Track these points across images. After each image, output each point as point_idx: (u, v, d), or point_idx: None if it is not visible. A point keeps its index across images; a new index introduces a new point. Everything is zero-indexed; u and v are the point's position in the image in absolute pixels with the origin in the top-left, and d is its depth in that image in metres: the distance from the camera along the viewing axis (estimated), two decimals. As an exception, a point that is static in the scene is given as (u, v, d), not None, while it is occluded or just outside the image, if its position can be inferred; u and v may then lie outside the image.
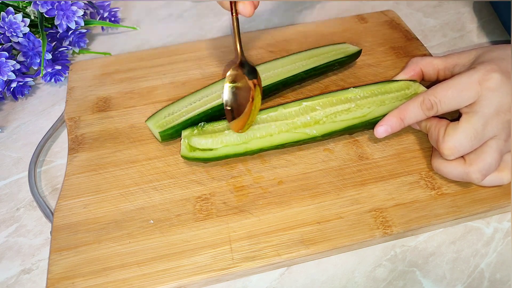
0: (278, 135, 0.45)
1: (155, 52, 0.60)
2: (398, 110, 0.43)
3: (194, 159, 0.45)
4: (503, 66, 0.40)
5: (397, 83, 0.48)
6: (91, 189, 0.45)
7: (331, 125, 0.46)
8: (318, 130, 0.45)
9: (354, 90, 0.47)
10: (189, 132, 0.46)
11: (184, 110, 0.48)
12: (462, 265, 0.40)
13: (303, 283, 0.40)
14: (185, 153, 0.45)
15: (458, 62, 0.45)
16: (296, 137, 0.45)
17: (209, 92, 0.49)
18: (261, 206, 0.43)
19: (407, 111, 0.43)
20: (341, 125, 0.46)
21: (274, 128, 0.45)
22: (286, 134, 0.45)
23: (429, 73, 0.48)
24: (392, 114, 0.43)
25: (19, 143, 0.52)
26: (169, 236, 0.41)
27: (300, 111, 0.46)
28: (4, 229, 0.44)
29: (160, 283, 0.38)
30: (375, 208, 0.42)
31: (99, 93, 0.55)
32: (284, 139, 0.45)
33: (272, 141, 0.45)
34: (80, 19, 0.56)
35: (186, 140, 0.45)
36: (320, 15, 0.68)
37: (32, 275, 0.41)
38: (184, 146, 0.45)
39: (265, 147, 0.45)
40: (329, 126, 0.45)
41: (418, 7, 0.69)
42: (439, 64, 0.46)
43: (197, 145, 0.45)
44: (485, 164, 0.39)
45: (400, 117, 0.43)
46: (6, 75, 0.51)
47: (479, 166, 0.39)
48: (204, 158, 0.45)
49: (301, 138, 0.45)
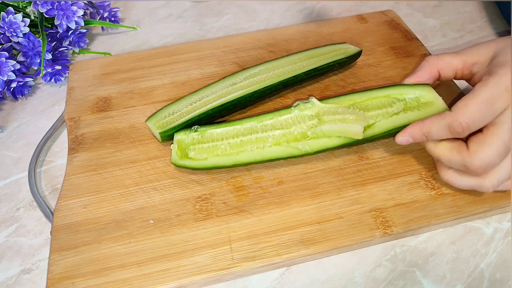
0: (269, 148, 0.44)
1: (155, 52, 0.60)
2: (422, 124, 0.40)
3: (184, 167, 0.44)
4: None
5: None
6: (91, 189, 0.45)
7: (326, 141, 0.44)
8: (311, 146, 0.44)
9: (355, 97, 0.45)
10: (181, 137, 0.45)
11: (184, 110, 0.48)
12: (462, 265, 0.40)
13: (303, 283, 0.40)
14: (175, 160, 0.44)
15: (478, 60, 0.42)
16: (287, 152, 0.44)
17: (209, 92, 0.49)
18: (261, 206, 0.43)
19: (432, 129, 0.39)
20: (335, 142, 0.44)
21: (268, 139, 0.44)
22: (277, 148, 0.44)
23: (447, 74, 0.44)
24: (416, 127, 0.40)
25: (19, 143, 0.52)
26: (169, 236, 0.41)
27: (297, 119, 0.45)
28: (4, 229, 0.44)
29: (160, 283, 0.38)
30: (375, 208, 0.42)
31: (99, 93, 0.55)
32: (275, 154, 0.44)
33: (263, 155, 0.44)
34: (80, 19, 0.56)
35: (176, 145, 0.45)
36: (320, 15, 0.68)
37: (32, 275, 0.41)
38: (174, 152, 0.45)
39: (255, 160, 0.44)
40: (323, 142, 0.44)
41: (418, 7, 0.69)
42: (458, 64, 0.43)
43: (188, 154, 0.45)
44: (499, 177, 0.38)
45: (423, 132, 0.40)
46: (6, 75, 0.51)
47: (492, 180, 0.38)
48: (192, 167, 0.44)
49: (293, 154, 0.44)
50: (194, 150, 0.45)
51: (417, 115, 0.42)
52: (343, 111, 0.44)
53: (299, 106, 0.45)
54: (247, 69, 0.52)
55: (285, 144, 0.44)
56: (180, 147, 0.45)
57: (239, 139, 0.45)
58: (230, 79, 0.51)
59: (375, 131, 0.43)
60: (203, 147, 0.45)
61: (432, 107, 0.42)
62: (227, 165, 0.44)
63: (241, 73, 0.51)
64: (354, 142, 0.44)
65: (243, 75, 0.51)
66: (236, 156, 0.44)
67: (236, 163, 0.44)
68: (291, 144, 0.44)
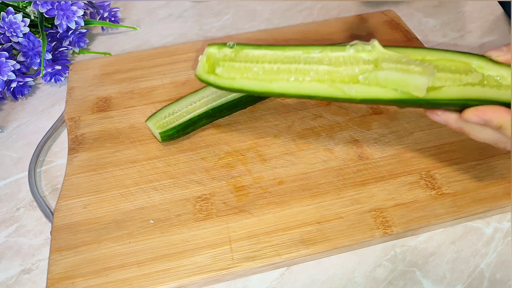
0: (309, 84, 0.37)
1: (155, 52, 0.60)
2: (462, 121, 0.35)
3: (208, 83, 0.40)
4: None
5: None
6: (91, 189, 0.45)
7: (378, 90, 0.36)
8: (358, 91, 0.36)
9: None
10: (213, 51, 0.40)
11: (184, 111, 0.48)
12: (462, 265, 0.40)
13: (303, 283, 0.40)
14: (200, 73, 0.40)
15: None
16: (329, 92, 0.37)
17: (209, 92, 0.49)
18: (261, 206, 0.43)
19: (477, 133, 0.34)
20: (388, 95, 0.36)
21: (310, 73, 0.38)
22: (318, 84, 0.37)
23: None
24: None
25: (19, 143, 0.52)
26: (169, 236, 0.41)
27: (350, 60, 0.37)
28: (4, 229, 0.44)
29: (160, 283, 0.38)
30: (375, 208, 0.42)
31: (99, 93, 0.55)
32: (314, 91, 0.37)
33: (299, 89, 0.38)
34: (80, 19, 0.56)
35: (205, 57, 0.40)
36: (320, 15, 0.68)
37: (32, 275, 0.41)
38: (201, 64, 0.40)
39: (289, 93, 0.38)
40: (375, 91, 0.36)
41: (418, 7, 0.69)
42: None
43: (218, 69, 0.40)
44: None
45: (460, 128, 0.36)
46: (6, 75, 0.51)
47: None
48: (218, 85, 0.39)
49: (335, 96, 0.37)
50: (223, 66, 0.40)
51: (498, 95, 0.34)
52: (407, 62, 0.36)
53: (356, 46, 0.38)
54: None
55: (329, 83, 0.37)
56: (209, 61, 0.40)
57: (277, 66, 0.39)
58: None
59: (439, 95, 0.35)
60: (234, 66, 0.39)
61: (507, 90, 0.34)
62: (256, 91, 0.39)
63: None
64: (410, 102, 0.36)
65: None
66: (269, 83, 0.38)
67: (267, 91, 0.39)
68: (336, 84, 0.37)
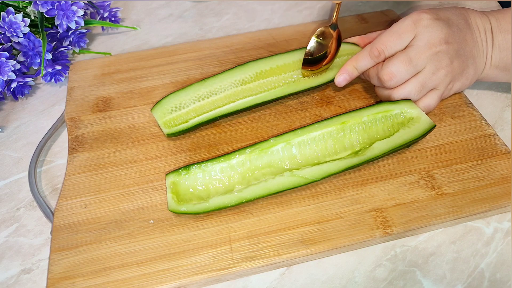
0: (273, 181, 0.42)
1: (155, 52, 0.60)
2: (351, 60, 0.49)
3: (184, 213, 0.42)
4: (434, 11, 0.47)
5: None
6: (91, 189, 0.45)
7: (331, 166, 0.43)
8: (315, 173, 0.43)
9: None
10: (174, 177, 0.43)
11: (191, 108, 0.48)
12: (462, 265, 0.40)
13: (303, 283, 0.40)
14: (173, 207, 0.41)
15: None
16: (295, 181, 0.43)
17: (217, 87, 0.49)
18: (261, 206, 0.43)
19: (359, 60, 0.49)
20: (340, 166, 0.43)
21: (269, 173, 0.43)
22: (281, 179, 0.42)
23: None
24: (347, 64, 0.50)
25: (19, 143, 0.52)
26: (169, 236, 0.41)
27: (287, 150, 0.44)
28: (4, 229, 0.44)
29: (160, 283, 0.38)
30: (375, 208, 0.42)
31: (99, 93, 0.55)
32: (280, 186, 0.42)
33: (269, 188, 0.42)
34: (80, 19, 0.56)
35: (170, 189, 0.42)
36: (320, 15, 0.68)
37: (32, 275, 0.41)
38: (170, 198, 0.42)
39: (260, 195, 0.42)
40: (328, 168, 0.43)
41: (418, 7, 0.69)
42: None
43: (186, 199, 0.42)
44: (406, 92, 0.47)
45: (354, 66, 0.49)
46: (6, 75, 0.51)
47: (400, 93, 0.47)
48: (194, 212, 0.41)
49: (300, 183, 0.43)
50: (190, 201, 0.42)
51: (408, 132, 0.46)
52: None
53: None
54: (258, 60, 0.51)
55: (290, 172, 0.43)
56: (175, 191, 0.43)
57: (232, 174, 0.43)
58: (239, 74, 0.50)
59: (374, 152, 0.44)
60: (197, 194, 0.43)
61: (419, 122, 0.46)
62: (232, 205, 0.42)
63: (251, 66, 0.51)
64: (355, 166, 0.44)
65: (252, 70, 0.51)
66: (240, 193, 0.42)
67: (241, 201, 0.42)
68: (295, 172, 0.43)
